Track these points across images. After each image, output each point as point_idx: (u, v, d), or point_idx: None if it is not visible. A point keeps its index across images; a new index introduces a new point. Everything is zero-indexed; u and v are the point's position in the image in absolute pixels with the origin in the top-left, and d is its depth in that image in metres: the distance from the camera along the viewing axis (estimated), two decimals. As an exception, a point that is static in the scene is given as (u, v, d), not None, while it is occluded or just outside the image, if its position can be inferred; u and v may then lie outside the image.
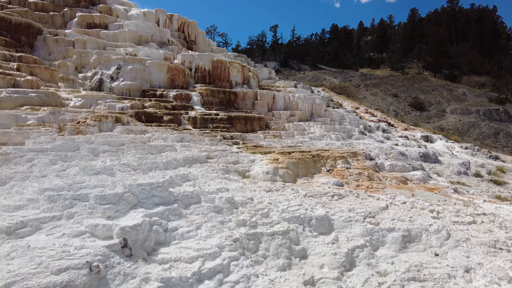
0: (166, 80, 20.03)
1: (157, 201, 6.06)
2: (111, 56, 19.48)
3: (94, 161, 8.04)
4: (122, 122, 12.48)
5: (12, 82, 15.11)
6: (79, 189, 5.90)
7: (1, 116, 11.63)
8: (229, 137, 14.22)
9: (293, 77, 51.23)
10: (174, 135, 12.13)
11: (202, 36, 32.76)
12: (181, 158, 9.24)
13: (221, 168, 9.30)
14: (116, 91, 17.98)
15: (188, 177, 7.77)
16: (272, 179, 9.53)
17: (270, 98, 22.03)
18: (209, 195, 6.84)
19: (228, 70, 22.39)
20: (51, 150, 8.43)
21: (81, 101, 15.35)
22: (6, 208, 5.36)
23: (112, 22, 25.53)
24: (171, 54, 22.48)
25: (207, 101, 19.70)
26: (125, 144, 9.71)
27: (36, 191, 5.85)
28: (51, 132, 10.58)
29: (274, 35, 70.84)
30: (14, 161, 7.76)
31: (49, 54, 21.05)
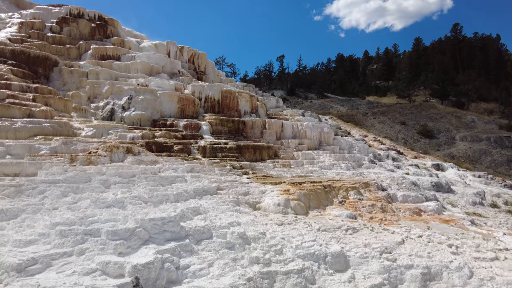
0: (177, 110, 20.35)
1: (169, 237, 5.94)
2: (123, 87, 19.95)
3: (106, 193, 8.01)
4: (133, 152, 12.57)
5: (27, 113, 15.47)
6: (91, 224, 5.83)
7: (16, 147, 11.81)
8: (239, 166, 14.17)
9: (300, 105, 51.73)
10: (184, 165, 12.13)
11: (212, 67, 33.57)
12: (192, 189, 9.18)
13: (231, 200, 9.19)
14: (127, 120, 18.27)
15: (199, 210, 7.67)
16: (283, 211, 9.36)
17: (278, 127, 22.14)
18: (221, 230, 6.71)
19: (237, 100, 22.71)
20: (63, 182, 8.45)
21: (93, 131, 15.57)
22: (17, 243, 5.30)
23: (125, 54, 26.39)
24: (181, 84, 22.98)
25: (216, 130, 19.86)
26: (136, 175, 9.71)
27: (48, 225, 5.80)
28: (63, 162, 10.67)
29: (281, 65, 72.39)
30: (27, 193, 7.77)
31: (63, 84, 21.68)
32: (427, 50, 74.76)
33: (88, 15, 30.37)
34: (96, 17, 30.67)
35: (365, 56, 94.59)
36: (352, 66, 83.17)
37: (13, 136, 13.43)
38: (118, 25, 31.72)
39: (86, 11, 30.54)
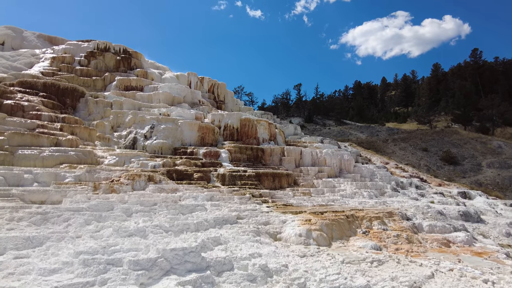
0: (197, 138, 20.68)
1: (190, 267, 5.85)
2: (145, 116, 20.56)
3: (128, 221, 8.06)
4: (154, 180, 12.72)
5: (54, 141, 16.08)
6: (113, 253, 5.83)
7: (43, 175, 12.20)
8: (258, 195, 14.06)
9: (318, 132, 51.58)
10: (204, 193, 12.14)
11: (231, 96, 34.29)
12: (212, 218, 9.12)
13: (252, 229, 9.05)
14: (149, 149, 18.65)
15: (220, 240, 7.57)
16: (305, 242, 9.11)
17: (297, 154, 22.04)
18: (242, 262, 6.56)
19: (255, 128, 22.91)
20: (86, 210, 8.59)
21: (116, 159, 15.95)
22: (41, 271, 5.33)
23: (148, 85, 27.40)
24: (201, 113, 23.48)
25: (235, 157, 19.95)
26: (157, 204, 9.77)
27: (71, 253, 5.84)
28: (87, 190, 10.89)
29: (298, 92, 73.17)
30: (52, 221, 7.92)
31: (89, 114, 22.56)
32: (446, 76, 74.05)
33: (113, 48, 32.03)
34: (121, 50, 32.29)
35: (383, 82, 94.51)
36: (370, 93, 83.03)
37: (41, 164, 13.92)
38: (142, 57, 33.20)
39: (112, 45, 32.24)
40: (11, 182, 11.48)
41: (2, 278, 5.25)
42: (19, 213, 8.00)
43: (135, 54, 32.64)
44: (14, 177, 11.66)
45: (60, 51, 30.73)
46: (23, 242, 6.48)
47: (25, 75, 23.78)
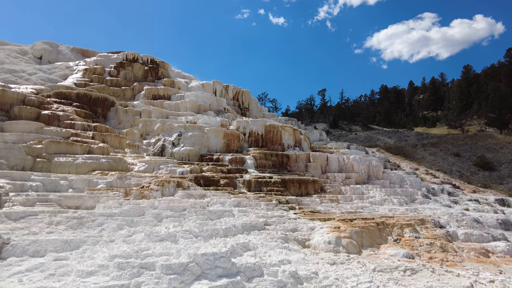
0: (222, 145, 20.91)
1: (220, 273, 5.88)
2: (173, 124, 21.04)
3: (158, 226, 8.24)
4: (183, 186, 12.96)
5: (87, 149, 16.76)
6: (146, 257, 5.97)
7: (77, 181, 12.72)
8: (285, 201, 13.97)
9: (344, 138, 50.77)
10: (231, 199, 12.22)
11: (255, 103, 34.50)
12: (240, 224, 9.15)
13: (280, 236, 9.00)
14: (177, 156, 19.04)
15: (249, 246, 7.57)
16: (334, 249, 8.94)
17: (323, 160, 21.77)
18: (272, 268, 6.53)
19: (280, 134, 22.89)
20: (118, 215, 8.85)
21: (145, 166, 16.38)
22: (80, 273, 5.54)
23: (175, 94, 28.08)
24: (227, 120, 23.76)
25: (260, 164, 19.97)
26: (186, 209, 9.93)
27: (107, 257, 6.02)
28: (118, 196, 11.23)
29: (323, 98, 72.48)
30: (87, 225, 8.22)
31: (119, 123, 23.36)
32: (479, 78, 71.00)
33: (141, 59, 33.12)
34: (149, 60, 33.33)
35: (410, 86, 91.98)
36: (397, 97, 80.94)
37: (75, 171, 14.52)
38: (169, 67, 34.11)
39: (140, 55, 33.36)
40: (48, 188, 12.04)
41: (44, 279, 5.49)
42: (57, 217, 8.37)
43: (162, 64, 33.58)
44: (51, 183, 12.23)
45: (91, 62, 32.13)
46: (62, 245, 6.76)
47: (60, 87, 25.00)
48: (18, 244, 6.64)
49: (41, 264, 6.09)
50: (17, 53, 34.16)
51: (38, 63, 33.58)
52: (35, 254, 6.55)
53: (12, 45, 36.23)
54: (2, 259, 6.42)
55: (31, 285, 5.27)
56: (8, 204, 9.54)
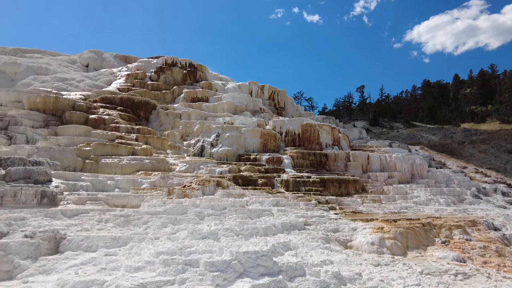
0: (259, 145, 21.01)
1: (262, 271, 5.89)
2: (211, 125, 21.49)
3: (200, 224, 8.45)
4: (222, 186, 13.19)
5: (131, 151, 17.56)
6: (190, 254, 6.12)
7: (123, 181, 13.37)
8: (324, 201, 13.74)
9: (385, 135, 48.95)
10: (269, 199, 12.24)
11: (291, 102, 34.32)
12: (279, 224, 9.13)
13: (320, 236, 8.86)
14: (215, 156, 19.43)
15: (289, 246, 7.53)
16: (378, 251, 8.65)
17: (364, 159, 21.14)
18: (314, 268, 6.44)
19: (317, 133, 22.55)
20: (162, 213, 9.19)
21: (186, 166, 16.86)
22: (128, 268, 5.80)
23: (212, 96, 28.67)
24: (263, 120, 23.84)
25: (297, 163, 19.81)
26: (226, 208, 10.09)
27: (152, 253, 6.26)
28: (162, 195, 11.66)
29: (361, 95, 70.40)
30: (133, 223, 8.61)
31: (160, 125, 24.26)
32: (535, 68, 65.24)
33: (180, 63, 34.17)
34: (187, 64, 34.30)
35: (455, 80, 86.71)
36: (441, 92, 76.58)
37: (120, 172, 15.28)
38: (206, 70, 34.90)
39: (179, 59, 34.43)
40: (97, 187, 12.78)
41: (97, 272, 5.83)
42: (106, 215, 8.85)
43: (200, 67, 34.42)
44: (99, 183, 12.97)
45: (133, 68, 33.65)
46: (111, 241, 7.13)
47: (105, 92, 26.46)
48: (73, 240, 7.10)
49: (93, 258, 6.46)
50: (67, 63, 36.63)
51: (85, 70, 35.79)
52: (88, 249, 6.97)
53: (63, 55, 38.94)
54: (60, 252, 6.91)
55: (85, 277, 5.60)
56: (63, 202, 10.24)
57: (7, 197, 9.40)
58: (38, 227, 7.54)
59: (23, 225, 7.62)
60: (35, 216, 8.39)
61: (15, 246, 6.34)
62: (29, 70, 31.65)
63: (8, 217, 7.88)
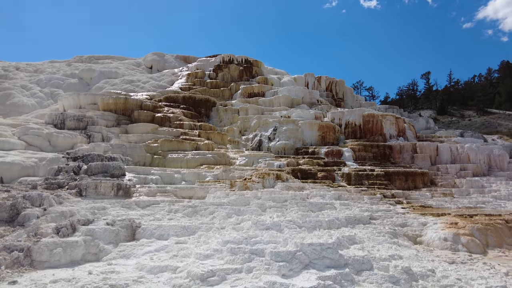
0: (317, 138, 20.67)
1: (328, 263, 5.82)
2: (268, 120, 21.65)
3: (263, 216, 8.60)
4: (282, 179, 13.27)
5: (195, 146, 18.43)
6: (255, 244, 6.27)
7: (188, 174, 14.12)
8: (390, 195, 13.10)
9: (455, 124, 44.98)
10: (331, 192, 12.02)
11: (350, 93, 33.14)
12: (343, 217, 8.92)
13: (387, 231, 8.48)
14: (273, 150, 19.56)
15: (355, 239, 7.33)
16: (452, 247, 8.03)
17: (432, 150, 19.68)
18: (382, 262, 6.19)
19: (380, 123, 21.50)
20: (227, 204, 9.53)
21: (245, 160, 17.24)
22: (198, 256, 6.13)
23: (268, 90, 28.83)
24: (321, 113, 23.38)
25: (359, 156, 19.11)
26: (287, 201, 10.14)
27: (220, 242, 6.52)
28: (225, 187, 12.09)
29: (427, 82, 65.30)
30: (200, 213, 9.06)
31: (220, 121, 25.07)
32: None
33: (236, 60, 34.87)
34: (243, 60, 34.89)
35: (541, 60, 76.29)
36: (524, 74, 68.00)
37: (186, 166, 16.13)
38: (261, 65, 35.17)
39: (235, 56, 35.15)
40: (165, 180, 13.66)
41: (169, 258, 6.25)
42: (175, 206, 9.43)
43: (256, 63, 34.79)
44: (167, 176, 13.84)
45: (193, 67, 35.14)
46: (181, 230, 7.59)
47: (168, 92, 28.04)
48: (147, 228, 7.69)
49: (165, 246, 6.94)
50: (133, 66, 39.51)
51: (149, 72, 38.27)
52: (160, 237, 7.49)
53: (129, 59, 42.07)
54: (136, 239, 7.53)
55: (160, 263, 6.04)
56: (136, 194, 11.12)
57: (90, 189, 10.47)
58: (117, 216, 8.30)
59: (104, 214, 8.45)
60: (113, 206, 9.25)
61: (100, 232, 7.05)
62: (101, 75, 34.78)
63: (92, 207, 8.79)
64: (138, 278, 5.40)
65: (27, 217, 7.43)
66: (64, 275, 5.59)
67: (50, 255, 6.09)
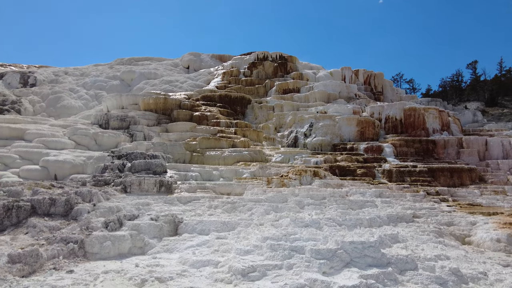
0: (356, 134, 20.16)
1: (370, 262, 5.70)
2: (304, 116, 21.45)
3: (301, 213, 8.57)
4: (319, 176, 13.11)
5: (231, 143, 18.70)
6: (294, 241, 6.27)
7: (226, 171, 14.38)
8: (434, 192, 12.50)
9: (507, 117, 41.79)
10: (371, 189, 11.70)
11: (389, 86, 31.94)
12: (385, 215, 8.66)
13: (432, 230, 8.12)
14: (309, 146, 19.36)
15: (397, 238, 7.09)
16: (506, 249, 7.52)
17: (480, 145, 18.49)
18: (427, 262, 5.95)
19: (423, 117, 20.53)
20: (264, 201, 9.60)
21: (281, 157, 17.22)
22: (238, 251, 6.24)
23: (303, 86, 28.52)
24: (359, 107, 22.76)
25: (400, 152, 18.40)
26: (326, 198, 10.01)
27: (259, 238, 6.59)
28: (262, 184, 12.18)
29: (474, 72, 61.12)
30: (239, 209, 9.21)
31: (255, 118, 25.21)
32: None
33: (271, 56, 34.80)
34: (278, 57, 34.74)
35: None
36: None
37: (223, 163, 16.43)
38: (296, 60, 34.82)
39: (269, 53, 35.08)
40: (204, 177, 14.01)
41: (211, 253, 6.42)
42: (215, 202, 9.65)
43: (290, 58, 34.52)
44: (206, 173, 14.19)
45: (228, 66, 35.58)
46: (221, 226, 7.75)
47: (205, 91, 28.63)
48: (189, 223, 7.94)
49: (206, 241, 7.13)
50: (171, 66, 40.75)
51: (186, 72, 39.28)
52: (202, 232, 7.71)
53: (167, 60, 43.45)
54: (178, 234, 7.81)
55: (202, 257, 6.23)
56: (177, 190, 11.51)
57: (134, 186, 10.99)
58: (160, 211, 8.65)
59: (148, 210, 8.84)
60: (156, 202, 9.64)
61: (145, 227, 7.39)
62: (141, 76, 36.24)
63: (136, 203, 9.23)
64: (182, 272, 5.60)
65: (79, 212, 7.96)
66: (114, 266, 5.93)
67: (100, 248, 6.48)
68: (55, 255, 6.02)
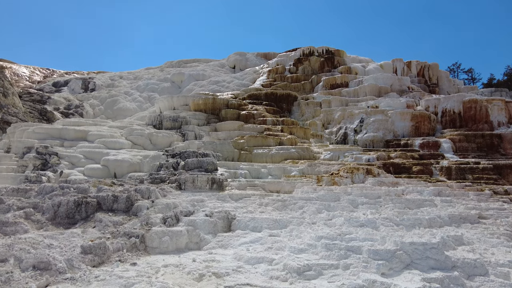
0: (410, 129, 19.12)
1: (432, 264, 5.38)
2: (353, 111, 20.78)
3: (355, 212, 8.32)
4: (372, 174, 12.64)
5: (278, 141, 18.69)
6: (350, 241, 6.10)
7: (274, 169, 14.40)
8: (502, 191, 11.45)
9: None
10: (429, 188, 11.02)
11: (446, 77, 29.84)
12: (446, 215, 8.11)
13: (503, 232, 7.45)
14: (360, 143, 18.73)
15: (462, 240, 6.61)
16: None
17: (556, 139, 16.59)
18: (499, 268, 5.47)
19: (485, 110, 18.90)
20: (315, 200, 9.46)
21: (330, 154, 16.86)
22: (292, 249, 6.22)
23: (352, 80, 27.63)
24: (413, 101, 21.57)
25: (460, 147, 17.11)
26: (381, 197, 9.63)
27: (313, 237, 6.51)
28: (311, 182, 12.02)
29: (545, 58, 55.06)
30: (290, 207, 9.18)
31: (302, 115, 24.94)
32: None
33: (317, 51, 34.16)
34: (324, 51, 34.00)
35: None
36: None
37: (270, 160, 16.48)
38: (344, 54, 33.84)
39: (315, 48, 34.46)
40: (253, 174, 14.17)
41: (264, 250, 6.47)
42: (265, 199, 9.71)
43: (337, 52, 33.63)
44: (254, 171, 14.33)
45: (273, 64, 35.56)
46: (273, 223, 7.78)
47: (251, 89, 28.90)
48: (241, 220, 8.07)
49: (259, 238, 7.19)
50: (218, 67, 41.71)
51: (232, 72, 39.95)
52: (254, 229, 7.79)
53: (213, 61, 44.56)
54: (231, 230, 7.97)
55: (256, 254, 6.29)
56: (228, 188, 11.76)
57: (188, 183, 11.42)
58: (214, 208, 8.89)
59: (202, 206, 9.13)
60: (210, 198, 9.93)
61: (200, 223, 7.65)
62: (190, 77, 37.55)
63: (191, 199, 9.58)
64: (237, 268, 5.71)
65: (139, 208, 8.45)
66: (173, 261, 6.21)
67: (159, 242, 6.82)
68: (119, 248, 6.45)
